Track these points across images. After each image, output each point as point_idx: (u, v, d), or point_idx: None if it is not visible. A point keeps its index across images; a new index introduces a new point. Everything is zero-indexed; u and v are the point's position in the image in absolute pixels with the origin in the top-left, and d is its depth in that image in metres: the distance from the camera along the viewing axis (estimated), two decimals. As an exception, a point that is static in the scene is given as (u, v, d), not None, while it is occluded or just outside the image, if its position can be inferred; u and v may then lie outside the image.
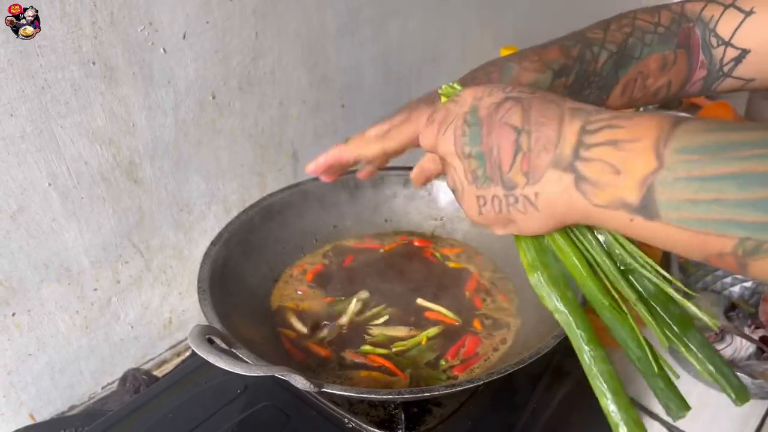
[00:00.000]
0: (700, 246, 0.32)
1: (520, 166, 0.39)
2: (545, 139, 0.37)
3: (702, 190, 0.31)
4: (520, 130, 0.39)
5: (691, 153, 0.32)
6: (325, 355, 0.63)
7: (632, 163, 0.34)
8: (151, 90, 0.71)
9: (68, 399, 0.78)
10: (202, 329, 0.50)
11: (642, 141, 0.33)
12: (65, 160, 0.67)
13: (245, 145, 0.85)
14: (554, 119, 0.38)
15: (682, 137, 0.32)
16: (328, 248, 0.77)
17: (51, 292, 0.71)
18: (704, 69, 0.62)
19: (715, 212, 0.31)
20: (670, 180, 0.32)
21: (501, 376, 0.50)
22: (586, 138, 0.36)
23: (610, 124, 0.35)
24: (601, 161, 0.35)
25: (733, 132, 0.31)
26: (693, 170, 0.31)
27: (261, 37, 0.80)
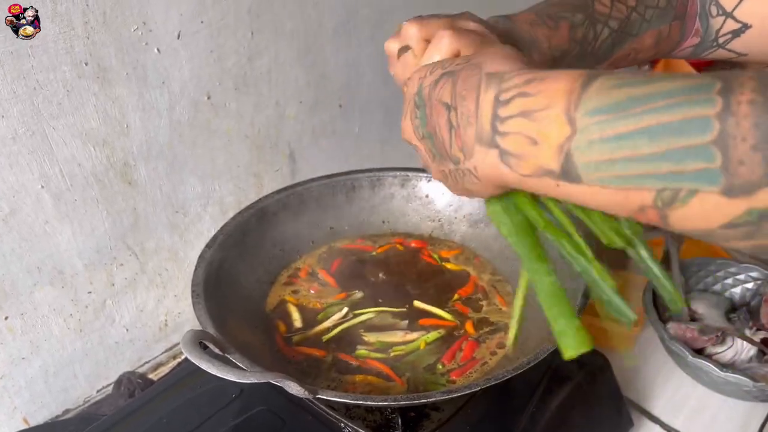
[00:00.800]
0: (623, 202, 0.33)
1: (456, 143, 0.40)
2: (467, 112, 0.38)
3: (617, 148, 0.31)
4: (450, 107, 0.40)
5: (602, 113, 0.32)
6: (320, 356, 0.62)
7: (546, 133, 0.34)
8: (145, 91, 0.70)
9: (62, 403, 0.77)
10: (194, 335, 0.50)
11: (553, 108, 0.33)
12: (58, 161, 0.66)
13: (241, 146, 0.84)
14: (473, 90, 0.38)
15: (592, 98, 0.32)
16: (324, 250, 0.77)
17: (44, 295, 0.70)
18: (697, 37, 0.61)
19: (632, 168, 0.31)
20: (585, 143, 0.32)
21: (499, 381, 0.49)
22: (500, 110, 0.36)
23: (522, 92, 0.35)
24: (517, 134, 0.35)
25: (642, 85, 0.31)
26: (606, 130, 0.31)
27: (257, 36, 0.79)
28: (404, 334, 0.63)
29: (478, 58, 0.41)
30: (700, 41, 0.61)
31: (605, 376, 0.71)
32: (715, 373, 0.74)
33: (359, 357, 0.61)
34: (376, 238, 0.79)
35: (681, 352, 0.76)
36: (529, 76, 0.36)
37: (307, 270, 0.73)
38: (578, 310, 0.56)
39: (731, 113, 0.28)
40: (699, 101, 0.29)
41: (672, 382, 0.81)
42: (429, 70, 0.44)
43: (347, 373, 0.60)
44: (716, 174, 0.29)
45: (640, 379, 0.82)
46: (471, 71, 0.39)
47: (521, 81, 0.36)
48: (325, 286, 0.71)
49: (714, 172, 0.29)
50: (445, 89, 0.41)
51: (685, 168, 0.29)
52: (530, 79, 0.36)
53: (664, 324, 0.81)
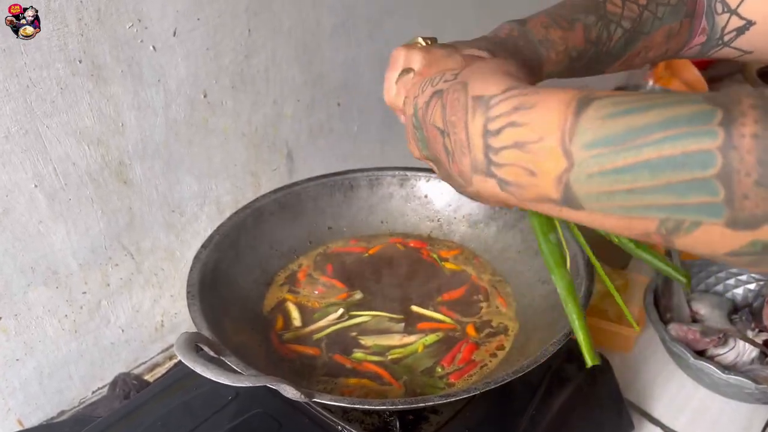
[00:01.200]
0: (627, 227, 0.32)
1: (455, 169, 0.39)
2: (459, 142, 0.37)
3: (617, 182, 0.31)
4: (443, 132, 0.39)
5: (599, 146, 0.31)
6: (314, 354, 0.61)
7: (543, 165, 0.33)
8: (140, 89, 0.70)
9: (57, 404, 0.76)
10: (189, 337, 0.49)
11: (546, 140, 0.33)
12: (52, 160, 0.65)
13: (238, 145, 0.83)
14: (461, 117, 0.37)
15: (587, 130, 0.32)
16: (321, 250, 0.76)
17: (38, 296, 0.69)
18: (704, 35, 0.60)
19: (634, 200, 0.31)
20: (584, 176, 0.32)
21: (498, 385, 0.49)
22: (491, 141, 0.35)
23: (511, 122, 0.35)
24: (513, 165, 0.35)
25: (639, 113, 0.30)
26: (604, 164, 0.31)
27: (254, 34, 0.79)
28: (401, 337, 0.62)
29: (464, 75, 0.40)
30: (707, 39, 0.60)
31: (606, 377, 0.70)
32: (717, 375, 0.73)
33: (355, 360, 0.60)
34: (370, 239, 0.78)
35: (682, 354, 0.75)
36: (515, 102, 0.35)
37: (306, 271, 0.72)
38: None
39: (734, 147, 0.27)
40: (700, 133, 0.28)
41: (673, 383, 0.81)
42: (420, 88, 0.43)
43: (342, 375, 0.59)
44: (720, 207, 0.28)
45: (641, 381, 0.81)
46: (457, 93, 0.39)
47: (509, 108, 0.35)
48: (323, 286, 0.70)
49: (717, 205, 0.28)
50: (436, 112, 0.40)
51: (688, 201, 0.29)
52: (518, 106, 0.35)
53: (666, 325, 0.80)
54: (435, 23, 1.04)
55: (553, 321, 0.59)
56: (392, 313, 0.66)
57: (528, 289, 0.67)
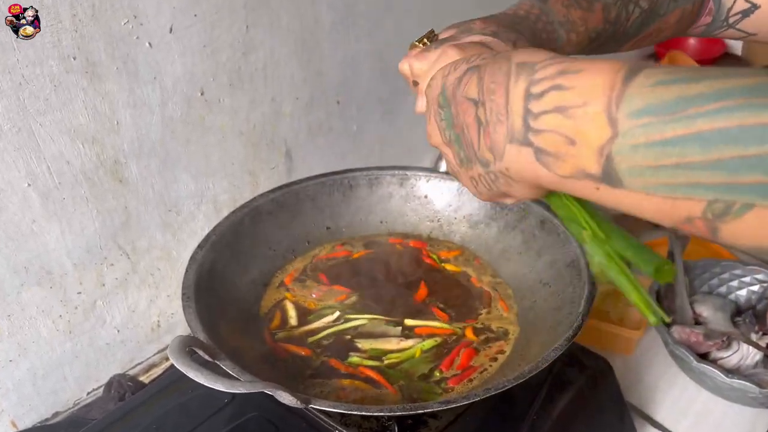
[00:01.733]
0: (669, 211, 0.30)
1: (484, 143, 0.37)
2: (496, 108, 0.35)
3: (663, 155, 0.28)
4: (477, 102, 0.37)
5: (646, 115, 0.29)
6: (306, 355, 0.61)
7: (585, 132, 0.31)
8: (136, 86, 0.68)
9: (52, 405, 0.75)
10: (183, 341, 0.48)
11: (591, 105, 0.31)
12: (45, 159, 0.64)
13: (236, 143, 0.82)
14: (502, 83, 0.35)
15: (635, 97, 0.29)
16: (319, 251, 0.75)
17: (32, 296, 0.68)
18: (710, 16, 0.60)
19: (680, 176, 0.28)
20: (628, 147, 0.30)
21: (498, 392, 0.48)
22: (532, 105, 0.33)
23: (556, 85, 0.32)
24: (553, 132, 0.32)
25: (692, 82, 0.28)
26: (651, 134, 0.29)
27: (252, 31, 0.77)
28: (399, 341, 0.61)
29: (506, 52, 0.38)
30: (712, 20, 0.61)
31: (607, 381, 0.69)
32: (720, 378, 0.72)
33: (351, 365, 0.59)
34: (355, 243, 0.76)
35: (685, 357, 0.74)
36: (562, 66, 0.33)
37: (303, 271, 0.71)
38: (582, 315, 0.54)
39: None
40: (759, 106, 0.26)
41: (675, 387, 0.80)
42: (453, 66, 0.41)
43: (335, 376, 0.58)
44: None
45: (643, 384, 0.80)
46: (499, 62, 0.37)
47: (554, 71, 0.33)
48: (321, 287, 0.69)
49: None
50: (471, 84, 0.38)
51: (741, 180, 0.27)
52: (564, 69, 0.33)
53: (668, 327, 0.79)
54: (436, 19, 1.03)
55: (555, 324, 0.58)
56: (389, 316, 0.64)
57: (529, 291, 0.66)
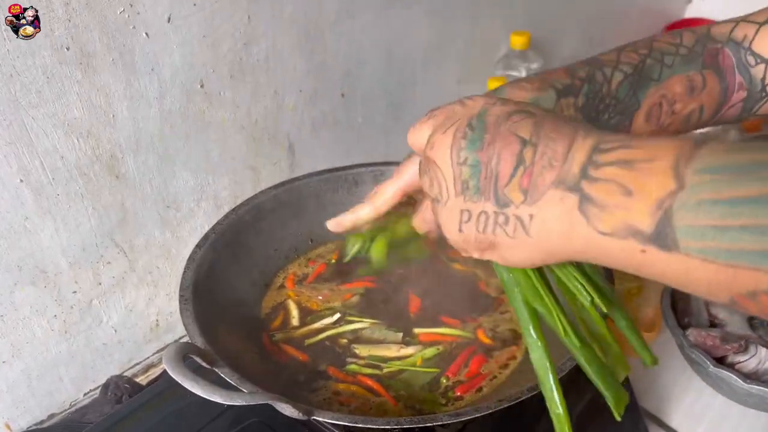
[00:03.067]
0: (728, 282, 0.27)
1: (519, 182, 0.35)
2: (552, 154, 0.33)
3: (731, 214, 0.26)
4: (527, 142, 0.35)
5: (716, 173, 0.27)
6: (304, 360, 0.58)
7: (646, 184, 0.29)
8: (132, 78, 0.66)
9: (47, 407, 0.73)
10: (179, 348, 0.45)
11: (659, 161, 0.29)
12: (38, 154, 0.61)
13: (237, 138, 0.79)
14: (566, 135, 0.34)
15: (705, 157, 0.28)
16: (321, 250, 0.72)
17: (25, 296, 0.66)
18: (744, 90, 0.56)
19: (748, 241, 0.26)
20: (692, 203, 0.27)
21: (511, 404, 0.45)
22: (597, 157, 0.32)
23: (626, 144, 0.31)
24: (611, 181, 0.30)
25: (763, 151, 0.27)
26: (720, 191, 0.27)
27: (254, 21, 0.74)
28: (399, 348, 0.58)
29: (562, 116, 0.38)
30: (748, 95, 0.57)
31: (621, 387, 0.67)
32: (738, 384, 0.69)
33: (349, 373, 0.57)
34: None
35: (702, 362, 0.72)
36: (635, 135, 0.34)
37: (304, 272, 0.69)
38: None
39: None
40: None
41: (690, 391, 0.77)
42: (501, 101, 0.39)
43: (335, 382, 0.56)
44: None
45: (657, 388, 0.78)
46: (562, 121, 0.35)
47: (626, 137, 0.32)
48: (322, 287, 0.67)
49: None
50: (525, 124, 0.36)
51: None
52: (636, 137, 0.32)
53: (684, 330, 0.76)
54: (445, 8, 1.00)
55: (569, 330, 0.55)
56: (392, 320, 0.62)
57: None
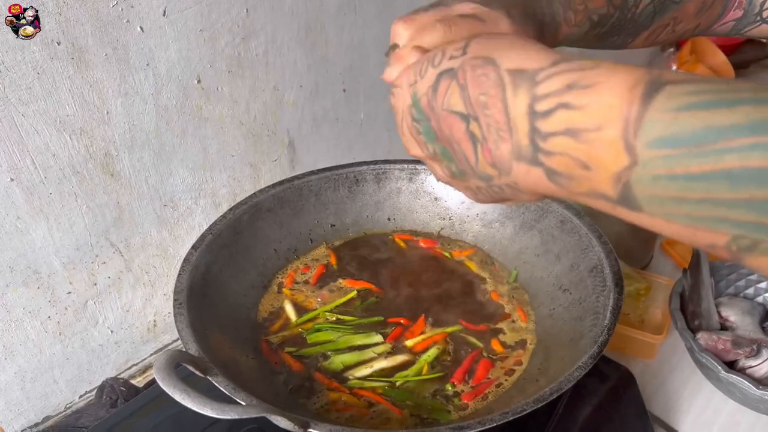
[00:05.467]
0: (690, 237, 0.28)
1: (484, 159, 0.34)
2: (495, 124, 0.32)
3: (687, 189, 0.26)
4: (467, 116, 0.33)
5: (669, 146, 0.26)
6: (297, 369, 0.57)
7: (600, 159, 0.28)
8: (127, 74, 0.64)
9: (42, 410, 0.72)
10: (171, 357, 0.44)
11: (606, 130, 0.28)
12: (29, 152, 0.60)
13: (236, 134, 0.77)
14: (496, 96, 0.31)
15: (656, 123, 0.26)
16: (322, 250, 0.70)
17: (18, 297, 0.64)
18: (740, 9, 0.55)
19: (704, 210, 0.26)
20: (648, 177, 0.27)
21: (517, 416, 0.43)
22: (539, 124, 0.30)
23: (564, 103, 0.29)
24: (565, 155, 0.30)
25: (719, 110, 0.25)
26: (675, 167, 0.26)
27: (252, 14, 0.72)
28: (385, 358, 0.57)
29: (481, 48, 0.33)
30: (743, 14, 0.55)
31: (630, 393, 0.65)
32: (751, 390, 0.67)
33: (352, 388, 0.55)
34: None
35: (712, 366, 0.70)
36: (568, 78, 0.29)
37: (293, 276, 0.67)
38: (608, 329, 0.50)
39: None
40: None
41: (700, 396, 0.75)
42: (417, 72, 0.36)
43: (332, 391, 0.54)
44: None
45: (665, 392, 0.76)
46: (482, 68, 0.32)
47: (561, 86, 0.29)
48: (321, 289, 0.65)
49: None
50: (452, 95, 0.34)
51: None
52: (571, 83, 0.29)
53: (693, 333, 0.74)
54: (448, 3, 0.97)
55: (577, 337, 0.53)
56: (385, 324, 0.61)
57: (547, 297, 0.61)
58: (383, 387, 0.54)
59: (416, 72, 0.36)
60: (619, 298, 0.53)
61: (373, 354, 0.57)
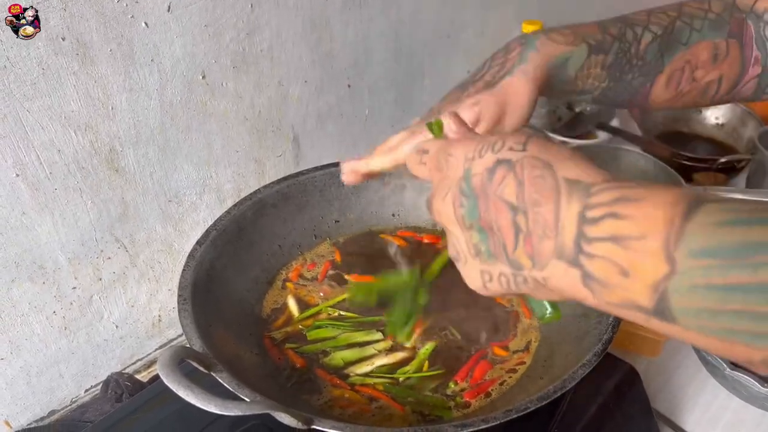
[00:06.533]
0: (725, 350, 0.29)
1: (523, 249, 0.35)
2: (543, 222, 0.33)
3: (725, 300, 0.27)
4: (516, 208, 0.35)
5: (708, 257, 0.27)
6: (300, 366, 0.57)
7: (640, 266, 0.30)
8: (132, 69, 0.64)
9: (47, 404, 0.72)
10: (175, 353, 0.44)
11: (649, 239, 0.29)
12: (34, 147, 0.60)
13: (240, 130, 0.77)
14: (549, 197, 0.33)
15: (696, 236, 0.28)
16: (326, 246, 0.70)
17: (23, 292, 0.65)
18: (758, 66, 0.55)
19: (742, 324, 0.27)
20: (686, 287, 0.28)
21: (520, 414, 0.43)
22: (587, 229, 0.32)
23: (613, 213, 0.31)
24: (606, 260, 0.31)
25: (756, 227, 0.27)
26: (713, 278, 0.27)
27: (257, 9, 0.72)
28: (386, 355, 0.57)
29: (542, 152, 0.35)
30: (762, 71, 0.55)
31: (634, 390, 0.65)
32: (756, 388, 0.67)
33: (354, 384, 0.55)
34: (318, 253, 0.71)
35: (718, 364, 0.70)
36: (620, 192, 0.31)
37: (310, 268, 0.67)
38: (613, 327, 0.50)
39: None
40: None
41: (705, 393, 0.75)
42: (476, 150, 0.37)
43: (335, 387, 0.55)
44: None
45: (670, 389, 0.76)
46: (539, 170, 0.34)
47: (612, 198, 0.31)
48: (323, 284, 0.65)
49: None
50: (508, 185, 0.35)
51: None
52: (622, 197, 0.31)
53: (699, 331, 0.74)
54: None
55: (581, 334, 0.53)
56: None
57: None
58: (384, 383, 0.54)
59: (475, 150, 0.37)
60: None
61: (373, 351, 0.57)
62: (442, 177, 0.39)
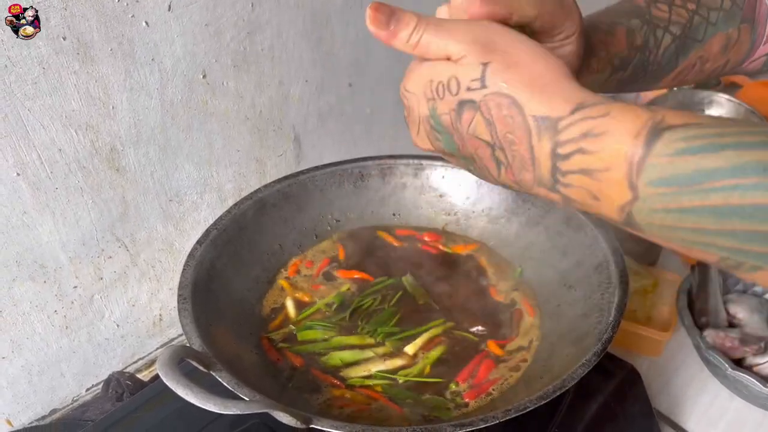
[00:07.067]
0: (685, 253, 0.34)
1: (506, 176, 0.39)
2: (520, 158, 0.37)
3: (680, 220, 0.32)
4: (493, 145, 0.38)
5: (665, 185, 0.32)
6: (299, 365, 0.57)
7: (608, 193, 0.34)
8: (132, 68, 0.64)
9: (49, 403, 0.72)
10: (175, 352, 0.44)
11: (613, 171, 0.33)
12: (35, 147, 0.60)
13: (241, 129, 0.77)
14: (523, 137, 0.36)
15: (655, 166, 0.32)
16: (327, 245, 0.70)
17: (24, 291, 0.65)
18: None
19: (695, 236, 0.32)
20: (647, 210, 0.33)
21: (520, 413, 0.43)
22: (560, 164, 0.36)
23: (580, 148, 0.34)
24: (580, 188, 0.36)
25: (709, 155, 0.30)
26: (669, 203, 0.32)
27: (258, 8, 0.72)
28: (384, 360, 0.56)
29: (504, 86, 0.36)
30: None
31: (636, 390, 0.65)
32: (758, 388, 0.67)
33: (352, 386, 0.55)
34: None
35: (719, 364, 0.69)
36: (585, 127, 0.34)
37: (308, 266, 0.67)
38: (613, 326, 0.50)
39: None
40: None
41: (706, 393, 0.75)
42: (433, 90, 0.39)
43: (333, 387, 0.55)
44: None
45: (671, 389, 0.75)
46: (507, 109, 0.36)
47: (579, 133, 0.34)
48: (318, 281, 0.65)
49: None
50: (478, 125, 0.38)
51: (751, 248, 0.30)
52: (587, 132, 0.34)
53: (701, 330, 0.74)
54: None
55: (582, 334, 0.53)
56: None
57: (552, 294, 0.61)
58: (383, 385, 0.54)
59: (432, 88, 0.39)
60: (625, 295, 0.53)
61: (371, 354, 0.57)
62: (408, 111, 0.42)
